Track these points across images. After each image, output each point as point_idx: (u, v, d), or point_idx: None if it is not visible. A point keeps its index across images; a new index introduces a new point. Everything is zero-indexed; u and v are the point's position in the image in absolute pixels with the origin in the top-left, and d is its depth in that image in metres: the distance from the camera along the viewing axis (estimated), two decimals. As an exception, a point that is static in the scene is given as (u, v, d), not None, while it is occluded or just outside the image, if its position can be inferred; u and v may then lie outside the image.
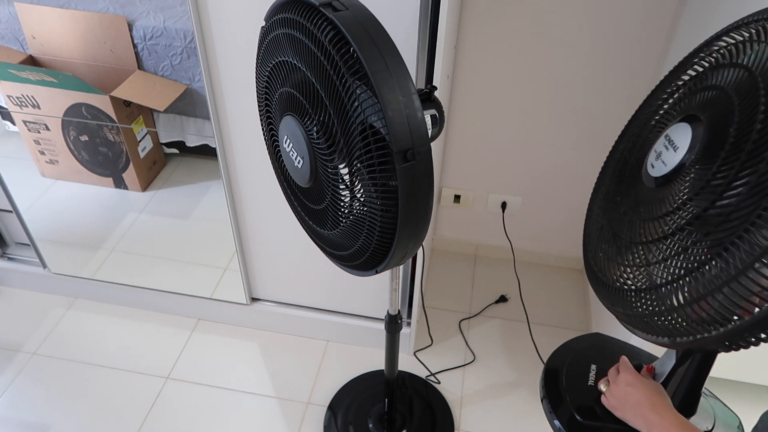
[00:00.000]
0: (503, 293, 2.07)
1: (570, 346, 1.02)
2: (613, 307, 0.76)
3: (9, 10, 1.53)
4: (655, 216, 0.67)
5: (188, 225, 1.91)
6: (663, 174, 0.66)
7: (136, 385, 1.77)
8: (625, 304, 0.72)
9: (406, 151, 0.74)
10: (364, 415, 1.69)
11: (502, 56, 1.71)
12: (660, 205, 0.67)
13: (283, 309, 1.87)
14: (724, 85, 0.63)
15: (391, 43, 0.75)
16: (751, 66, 0.60)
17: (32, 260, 1.99)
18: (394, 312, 1.36)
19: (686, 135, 0.64)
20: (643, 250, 0.69)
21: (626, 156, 0.82)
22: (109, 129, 1.69)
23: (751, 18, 0.66)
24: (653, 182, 0.69)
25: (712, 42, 0.72)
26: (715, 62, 0.69)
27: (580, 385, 0.94)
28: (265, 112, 1.02)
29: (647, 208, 0.70)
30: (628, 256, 0.72)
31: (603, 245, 0.80)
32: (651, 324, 0.67)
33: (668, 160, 0.66)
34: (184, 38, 1.49)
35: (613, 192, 0.82)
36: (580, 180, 1.94)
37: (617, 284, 0.74)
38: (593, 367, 0.96)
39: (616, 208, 0.79)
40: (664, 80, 0.80)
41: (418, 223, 0.82)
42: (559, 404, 0.92)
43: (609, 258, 0.78)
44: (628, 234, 0.74)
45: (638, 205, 0.73)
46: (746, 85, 0.59)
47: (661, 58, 1.60)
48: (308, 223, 1.05)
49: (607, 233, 0.80)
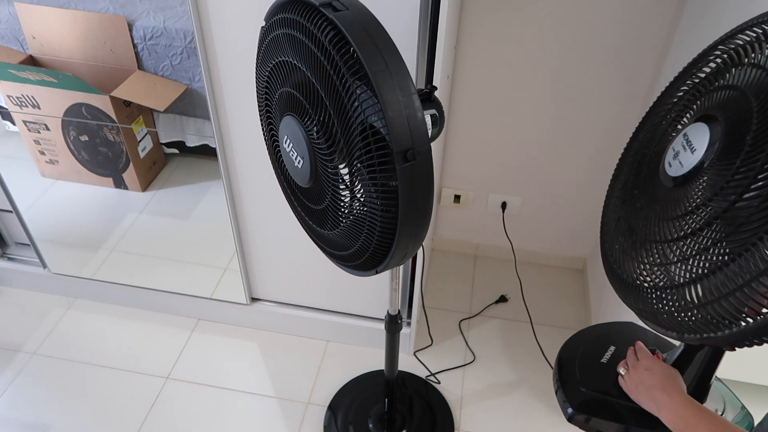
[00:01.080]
0: (503, 293, 2.07)
1: (587, 332, 1.04)
2: (627, 300, 0.77)
3: (9, 10, 1.53)
4: (672, 216, 0.68)
5: (188, 225, 1.91)
6: (680, 174, 0.67)
7: (136, 385, 1.77)
8: (638, 298, 0.73)
9: (406, 151, 0.74)
10: (364, 415, 1.69)
11: (502, 56, 1.71)
12: (676, 205, 0.67)
13: (283, 309, 1.87)
14: (742, 85, 0.64)
15: (391, 43, 0.75)
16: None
17: (32, 260, 1.99)
18: (394, 312, 1.36)
19: (704, 136, 0.64)
20: (662, 248, 0.69)
21: (644, 148, 0.82)
22: (109, 129, 1.69)
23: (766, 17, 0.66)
24: (670, 181, 0.69)
25: (729, 38, 0.72)
26: (731, 60, 0.69)
27: (594, 363, 0.96)
28: (265, 112, 1.02)
29: (663, 207, 0.71)
30: (644, 254, 0.73)
31: (619, 237, 0.81)
32: (663, 319, 0.68)
33: (685, 161, 0.67)
34: (184, 38, 1.49)
35: (632, 184, 0.82)
36: (580, 180, 1.94)
37: (636, 281, 0.75)
38: (611, 348, 0.97)
39: (634, 201, 0.80)
40: (683, 72, 0.81)
41: (418, 223, 0.82)
42: (572, 385, 0.93)
43: (624, 251, 0.79)
44: (644, 230, 0.74)
45: (655, 202, 0.73)
46: (765, 87, 0.60)
47: (661, 58, 1.60)
48: (308, 223, 1.05)
49: (624, 225, 0.81)
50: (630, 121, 1.76)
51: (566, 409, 0.92)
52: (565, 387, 0.94)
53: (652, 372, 0.83)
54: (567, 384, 0.94)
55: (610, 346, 0.98)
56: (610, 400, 0.90)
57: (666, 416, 0.77)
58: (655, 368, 0.83)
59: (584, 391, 0.92)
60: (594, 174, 1.91)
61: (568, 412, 0.91)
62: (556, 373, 0.96)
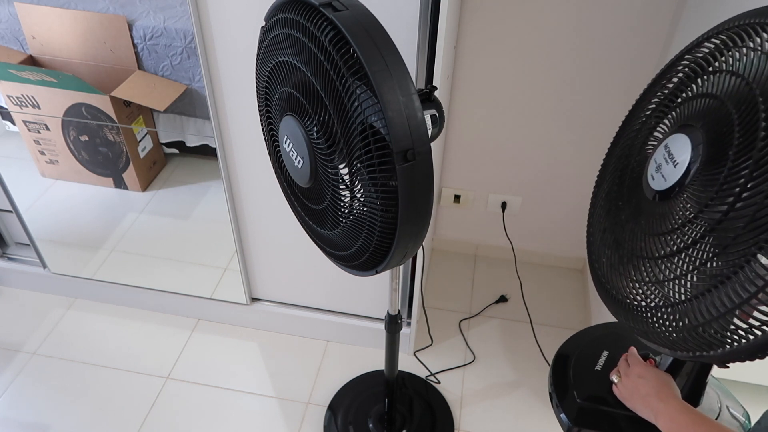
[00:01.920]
0: (503, 293, 2.07)
1: (581, 336, 1.03)
2: (617, 315, 0.76)
3: (9, 10, 1.53)
4: (659, 231, 0.67)
5: (188, 225, 1.91)
6: (663, 189, 0.66)
7: (136, 385, 1.77)
8: (629, 315, 0.72)
9: (406, 151, 0.74)
10: (364, 415, 1.69)
11: (502, 56, 1.71)
12: (663, 220, 0.67)
13: (283, 309, 1.87)
14: (721, 94, 0.63)
15: (391, 43, 0.75)
16: (747, 75, 0.60)
17: (32, 260, 1.99)
18: (394, 312, 1.36)
19: (685, 148, 0.64)
20: (650, 265, 0.68)
21: (626, 157, 0.82)
22: (109, 129, 1.69)
23: (734, 22, 0.66)
24: (654, 195, 0.69)
25: (696, 47, 0.72)
26: (701, 69, 0.68)
27: (588, 371, 0.95)
28: (265, 112, 1.02)
29: (648, 221, 0.70)
30: (632, 270, 0.72)
31: (606, 250, 0.81)
32: (656, 336, 0.67)
33: (668, 175, 0.66)
34: (184, 38, 1.49)
35: (615, 194, 0.82)
36: (580, 180, 1.94)
37: (626, 299, 0.74)
38: (605, 353, 0.97)
39: (618, 213, 0.79)
40: (658, 78, 0.80)
41: (418, 223, 0.82)
42: (565, 391, 0.93)
43: (612, 266, 0.78)
44: (630, 244, 0.73)
45: (639, 215, 0.72)
46: (744, 97, 0.59)
47: (660, 58, 1.60)
48: (308, 223, 1.05)
49: (609, 238, 0.80)
50: (630, 121, 1.76)
51: (563, 420, 0.91)
52: (560, 398, 0.93)
53: (646, 379, 0.82)
54: (562, 395, 0.93)
55: (604, 351, 0.97)
56: (606, 410, 0.89)
57: (663, 424, 0.76)
58: (648, 375, 0.83)
59: (580, 402, 0.91)
60: (594, 174, 1.90)
61: (566, 425, 0.91)
62: (551, 385, 0.95)
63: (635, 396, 0.83)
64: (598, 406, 0.90)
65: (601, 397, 0.91)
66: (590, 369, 0.95)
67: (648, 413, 0.80)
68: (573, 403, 0.91)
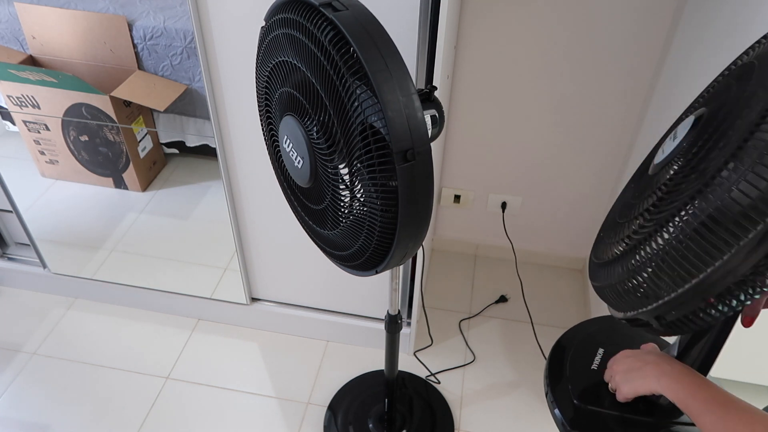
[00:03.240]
0: (503, 293, 2.07)
1: (576, 331, 1.02)
2: (593, 282, 0.76)
3: (9, 10, 1.53)
4: (641, 197, 0.69)
5: (188, 225, 1.91)
6: (660, 161, 0.68)
7: (136, 385, 1.77)
8: (594, 274, 0.73)
9: (406, 151, 0.74)
10: (364, 415, 1.69)
11: (502, 56, 1.71)
12: (647, 187, 0.69)
13: (283, 309, 1.87)
14: (729, 73, 0.65)
15: (391, 43, 0.75)
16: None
17: (32, 260, 1.99)
18: (394, 312, 1.36)
19: (688, 125, 0.65)
20: (623, 227, 0.70)
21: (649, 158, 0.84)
22: (109, 129, 1.69)
23: None
24: (654, 169, 0.70)
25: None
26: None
27: (583, 370, 0.93)
28: (265, 112, 1.02)
29: (638, 191, 0.72)
30: (612, 235, 0.73)
31: (601, 233, 0.81)
32: (608, 295, 0.68)
33: (667, 148, 0.68)
34: (184, 38, 1.49)
35: (632, 178, 0.83)
36: (580, 179, 1.94)
37: (597, 259, 0.74)
38: (600, 351, 0.95)
39: (625, 193, 0.80)
40: None
41: (418, 223, 0.82)
42: (562, 390, 0.92)
43: (600, 239, 0.79)
44: (616, 213, 0.75)
45: (635, 189, 0.74)
46: (746, 71, 0.60)
47: (660, 59, 1.60)
48: (308, 223, 1.05)
49: (611, 217, 0.81)
50: (631, 121, 1.76)
51: (557, 416, 0.91)
52: (557, 401, 0.92)
53: (636, 355, 0.78)
54: (559, 398, 0.93)
55: (599, 349, 0.96)
56: (604, 413, 0.89)
57: (667, 384, 0.71)
58: (635, 352, 0.79)
59: (577, 404, 0.91)
60: (594, 174, 1.91)
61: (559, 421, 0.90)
62: (547, 386, 0.94)
63: (633, 374, 0.77)
64: (595, 408, 0.89)
65: (598, 399, 0.90)
66: (586, 369, 0.95)
67: (652, 380, 0.73)
68: (570, 404, 0.91)
